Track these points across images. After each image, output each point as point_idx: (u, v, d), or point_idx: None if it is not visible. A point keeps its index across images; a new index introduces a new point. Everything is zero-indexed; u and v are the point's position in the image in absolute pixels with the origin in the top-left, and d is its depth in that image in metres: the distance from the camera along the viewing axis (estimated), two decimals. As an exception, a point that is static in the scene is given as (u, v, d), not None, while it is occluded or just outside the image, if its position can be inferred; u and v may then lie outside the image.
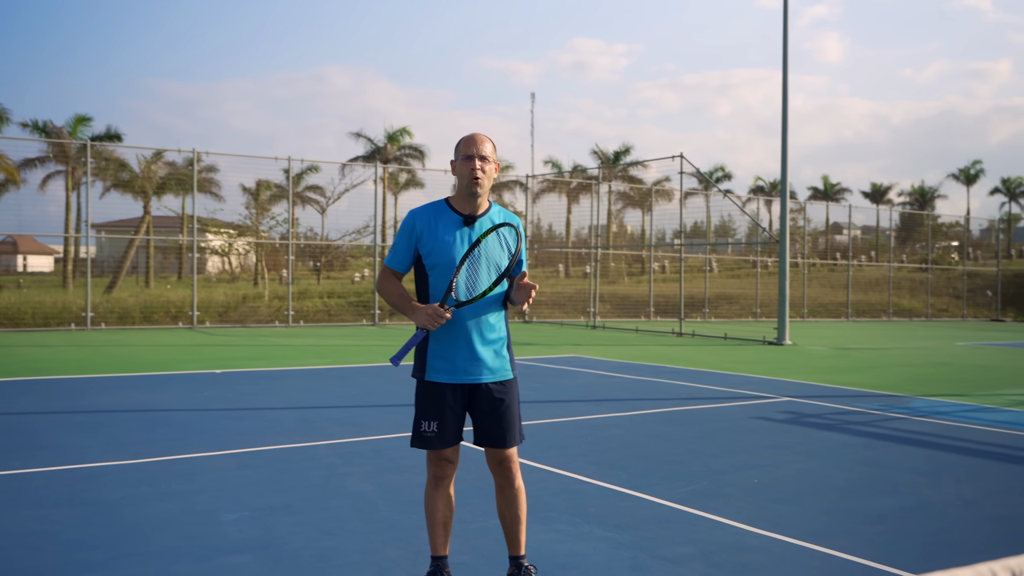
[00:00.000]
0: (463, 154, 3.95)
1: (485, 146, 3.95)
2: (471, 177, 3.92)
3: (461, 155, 3.96)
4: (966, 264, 40.32)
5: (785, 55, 20.29)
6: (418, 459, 6.87)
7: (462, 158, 3.95)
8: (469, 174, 3.92)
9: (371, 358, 15.07)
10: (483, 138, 3.99)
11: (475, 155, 3.92)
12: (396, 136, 41.44)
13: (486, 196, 4.02)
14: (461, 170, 3.95)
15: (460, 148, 3.98)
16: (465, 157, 3.94)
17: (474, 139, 3.97)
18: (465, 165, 3.93)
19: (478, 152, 3.93)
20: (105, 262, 37.79)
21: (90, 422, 8.33)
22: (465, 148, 3.96)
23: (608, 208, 42.98)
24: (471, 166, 3.91)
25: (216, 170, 34.10)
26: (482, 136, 3.99)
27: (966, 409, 10.31)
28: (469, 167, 3.92)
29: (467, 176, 3.93)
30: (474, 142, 3.95)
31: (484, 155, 3.93)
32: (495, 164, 4.01)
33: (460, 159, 3.96)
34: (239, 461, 6.73)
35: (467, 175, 3.93)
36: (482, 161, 3.93)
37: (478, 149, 3.93)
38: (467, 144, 3.96)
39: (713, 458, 7.23)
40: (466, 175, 3.93)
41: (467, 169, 3.92)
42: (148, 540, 4.76)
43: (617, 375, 13.10)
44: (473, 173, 3.91)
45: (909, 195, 60.98)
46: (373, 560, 4.52)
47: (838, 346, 20.20)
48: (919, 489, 6.32)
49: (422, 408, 4.01)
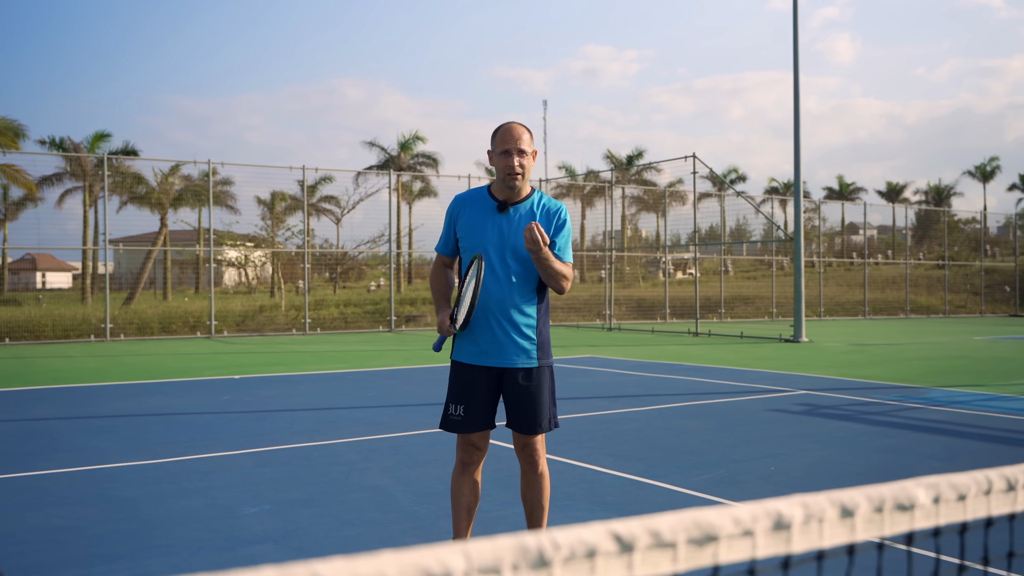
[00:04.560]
0: (500, 148, 3.94)
1: (523, 140, 3.94)
2: (507, 172, 3.93)
3: (499, 149, 3.95)
4: (984, 260, 40.10)
5: (796, 56, 20.31)
6: (436, 453, 6.94)
7: (500, 152, 3.94)
8: (506, 169, 3.93)
9: (388, 362, 15.14)
10: (521, 130, 3.96)
11: (513, 151, 3.92)
12: (409, 144, 41.56)
13: (526, 183, 4.03)
14: (498, 163, 3.96)
15: (497, 140, 3.96)
16: (503, 152, 3.93)
17: (512, 132, 3.94)
18: (502, 160, 3.93)
19: (516, 147, 3.92)
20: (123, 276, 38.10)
21: (110, 426, 8.42)
22: (502, 142, 3.94)
23: (622, 212, 43.01)
24: (508, 162, 3.92)
25: (231, 183, 34.36)
26: (520, 128, 3.97)
27: (983, 398, 10.28)
28: (506, 162, 3.92)
29: (504, 171, 3.94)
30: (512, 136, 3.93)
31: (521, 149, 3.93)
32: (533, 153, 4.01)
33: (498, 153, 3.95)
34: (259, 459, 6.79)
35: (504, 169, 3.94)
36: (520, 156, 3.93)
37: (516, 144, 3.92)
38: (504, 138, 3.94)
39: (730, 448, 7.25)
40: (503, 169, 3.94)
41: (504, 164, 3.93)
42: (170, 533, 4.83)
43: (633, 373, 13.11)
44: (510, 168, 3.92)
45: (925, 193, 60.67)
46: (393, 548, 4.57)
47: (855, 342, 20.14)
48: (936, 473, 6.31)
49: (452, 390, 4.07)
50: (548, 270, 3.88)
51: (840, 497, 1.01)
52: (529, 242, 3.74)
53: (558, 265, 3.90)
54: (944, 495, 1.09)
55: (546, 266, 3.86)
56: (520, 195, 4.03)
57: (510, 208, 4.00)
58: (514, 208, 4.01)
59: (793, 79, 20.36)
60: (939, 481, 1.10)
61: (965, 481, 1.12)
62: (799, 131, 20.41)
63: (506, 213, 3.99)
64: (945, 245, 39.43)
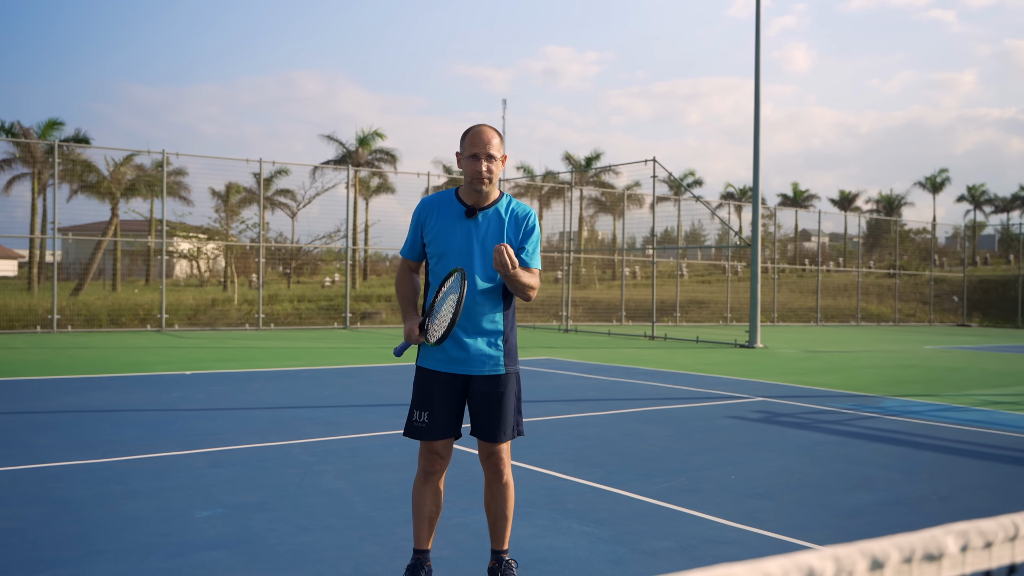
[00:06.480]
0: (469, 152, 3.86)
1: (492, 144, 3.86)
2: (474, 177, 3.85)
3: (467, 152, 3.87)
4: (933, 270, 40.82)
5: (757, 63, 20.46)
6: (394, 456, 6.83)
7: (468, 156, 3.87)
8: (473, 173, 3.85)
9: (344, 360, 14.95)
10: (491, 134, 3.88)
11: (481, 155, 3.84)
12: (368, 139, 41.20)
13: (495, 187, 3.96)
14: (466, 167, 3.88)
15: (466, 143, 3.89)
16: (471, 156, 3.86)
17: (481, 136, 3.86)
18: (470, 164, 3.85)
19: (485, 151, 3.84)
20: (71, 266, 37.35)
21: (56, 422, 8.18)
22: (471, 146, 3.86)
23: (580, 214, 43.09)
24: (476, 167, 3.84)
25: (185, 173, 33.76)
26: (490, 132, 3.88)
27: (937, 408, 10.40)
28: (474, 167, 3.84)
29: (471, 175, 3.86)
30: (481, 140, 3.85)
31: (490, 154, 3.84)
32: (502, 157, 3.93)
33: (466, 156, 3.88)
34: (212, 460, 6.62)
35: (471, 174, 3.86)
36: (488, 161, 3.85)
37: (484, 148, 3.84)
38: (473, 141, 3.86)
39: (689, 455, 7.22)
40: (470, 174, 3.86)
41: (472, 168, 3.85)
42: (119, 537, 4.66)
43: (591, 376, 13.08)
44: (477, 173, 3.84)
45: (877, 202, 61.61)
46: (350, 556, 4.46)
47: (809, 349, 20.34)
48: (895, 485, 6.35)
49: (416, 397, 3.99)
50: (516, 285, 3.84)
51: (871, 548, 0.94)
52: (498, 264, 3.68)
53: (525, 279, 3.85)
54: (972, 543, 1.02)
55: (514, 282, 3.82)
56: (488, 200, 3.94)
57: (479, 213, 3.91)
58: (483, 213, 3.92)
59: (754, 87, 20.51)
60: (968, 528, 1.03)
61: (992, 527, 1.05)
62: (759, 138, 20.55)
63: (474, 219, 3.91)
64: (896, 254, 40.05)
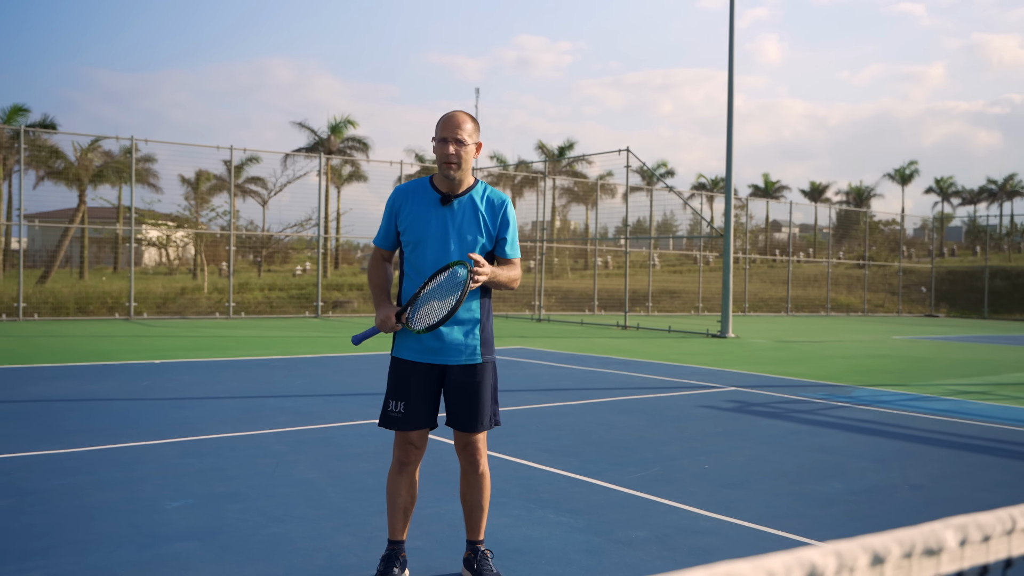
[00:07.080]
0: (439, 136, 3.85)
1: (462, 129, 3.83)
2: (444, 161, 3.83)
3: (438, 136, 3.86)
4: (902, 261, 41.25)
5: (731, 54, 20.51)
6: (368, 446, 6.78)
7: (438, 139, 3.86)
8: (442, 156, 3.83)
9: (316, 349, 14.86)
10: (462, 119, 3.86)
11: (450, 139, 3.82)
12: (340, 127, 40.94)
13: (467, 174, 3.93)
14: (436, 151, 3.87)
15: (438, 128, 3.87)
16: (441, 139, 3.84)
17: (452, 120, 3.85)
18: (440, 147, 3.84)
19: (453, 135, 3.82)
20: (38, 253, 36.83)
21: (24, 411, 8.05)
22: (442, 129, 3.85)
23: (552, 203, 43.08)
24: (445, 150, 3.82)
25: (154, 160, 33.44)
26: (461, 116, 3.87)
27: (906, 398, 10.50)
28: (443, 150, 3.83)
29: (440, 159, 3.85)
30: (452, 124, 3.84)
31: (459, 138, 3.82)
32: (475, 145, 3.90)
33: (437, 140, 3.87)
34: (182, 449, 6.54)
35: (441, 157, 3.84)
36: (457, 145, 3.82)
37: (453, 132, 3.82)
38: (444, 126, 3.85)
39: (663, 445, 7.24)
40: (440, 157, 3.85)
41: (441, 151, 3.84)
42: (88, 528, 4.59)
43: (565, 366, 13.09)
44: (446, 156, 3.82)
45: (846, 194, 62.14)
46: (324, 546, 4.42)
47: (780, 339, 20.49)
48: (867, 474, 6.39)
49: (392, 387, 3.95)
50: (499, 285, 3.88)
51: (872, 543, 0.92)
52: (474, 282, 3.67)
53: (505, 277, 3.87)
54: (971, 537, 1.00)
55: (496, 284, 3.85)
56: (462, 186, 3.92)
57: (454, 201, 3.88)
58: (457, 200, 3.89)
59: (728, 77, 20.57)
60: (967, 522, 1.01)
61: (990, 521, 1.04)
62: (732, 129, 20.63)
63: (449, 206, 3.88)
64: (865, 245, 40.43)
